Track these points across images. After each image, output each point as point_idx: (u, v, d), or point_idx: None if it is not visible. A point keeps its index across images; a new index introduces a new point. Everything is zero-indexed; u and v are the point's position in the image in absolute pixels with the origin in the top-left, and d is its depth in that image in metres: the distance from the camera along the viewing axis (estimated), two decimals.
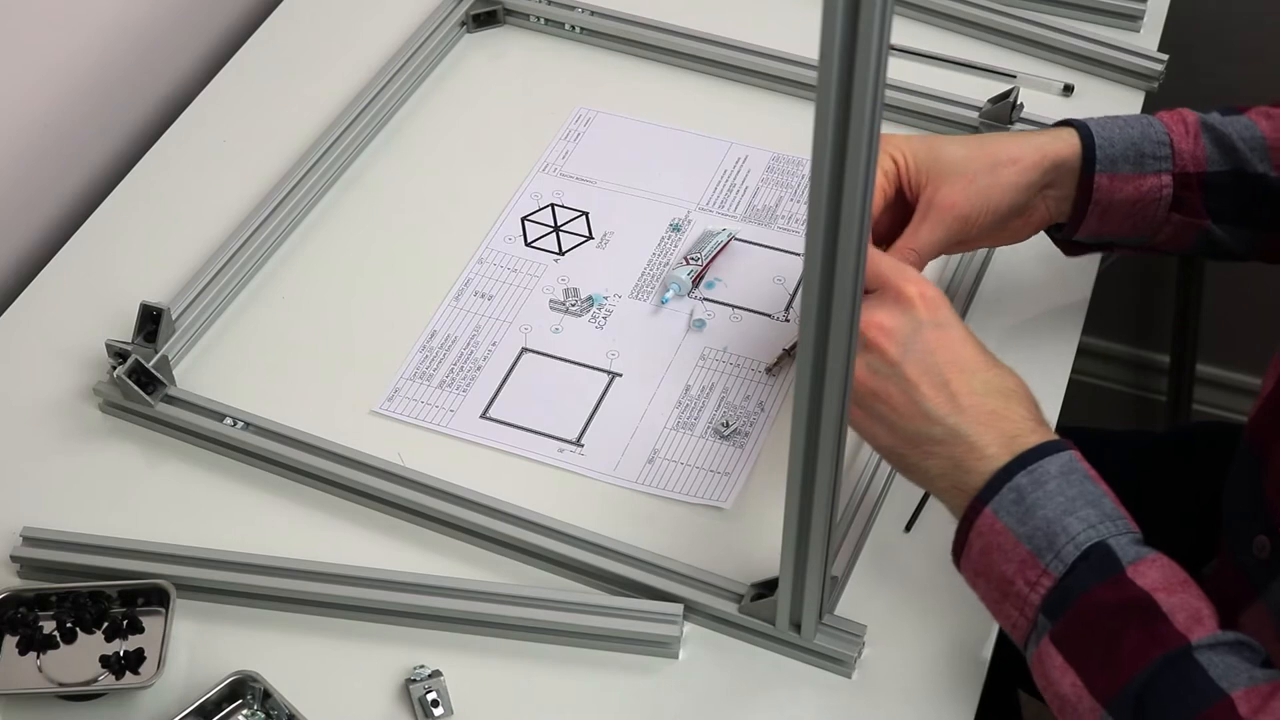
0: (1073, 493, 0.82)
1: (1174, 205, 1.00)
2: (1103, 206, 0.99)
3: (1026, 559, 0.81)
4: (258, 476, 1.01)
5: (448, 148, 1.22)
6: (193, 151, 1.22)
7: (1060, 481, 0.82)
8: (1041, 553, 0.81)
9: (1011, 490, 0.82)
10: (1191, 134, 1.00)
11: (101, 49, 1.22)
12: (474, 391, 1.05)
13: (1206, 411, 1.91)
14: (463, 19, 1.30)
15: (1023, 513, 0.82)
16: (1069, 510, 0.81)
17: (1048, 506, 0.81)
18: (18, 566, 0.96)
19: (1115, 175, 0.98)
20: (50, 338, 1.09)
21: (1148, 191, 0.99)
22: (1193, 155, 0.99)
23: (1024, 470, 0.82)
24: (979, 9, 1.28)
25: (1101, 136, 0.98)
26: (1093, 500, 0.82)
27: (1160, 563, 0.80)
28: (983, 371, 0.85)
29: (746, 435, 1.02)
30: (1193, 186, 0.99)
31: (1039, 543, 0.81)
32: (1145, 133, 0.99)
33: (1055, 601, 0.80)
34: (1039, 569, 0.81)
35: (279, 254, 1.14)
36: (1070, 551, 0.80)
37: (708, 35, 1.27)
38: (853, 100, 0.63)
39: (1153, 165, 0.99)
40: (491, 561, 0.97)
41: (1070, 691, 0.79)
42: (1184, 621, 0.78)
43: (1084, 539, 0.80)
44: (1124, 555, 0.80)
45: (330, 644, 0.93)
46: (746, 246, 1.14)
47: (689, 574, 0.94)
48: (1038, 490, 0.82)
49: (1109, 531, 0.81)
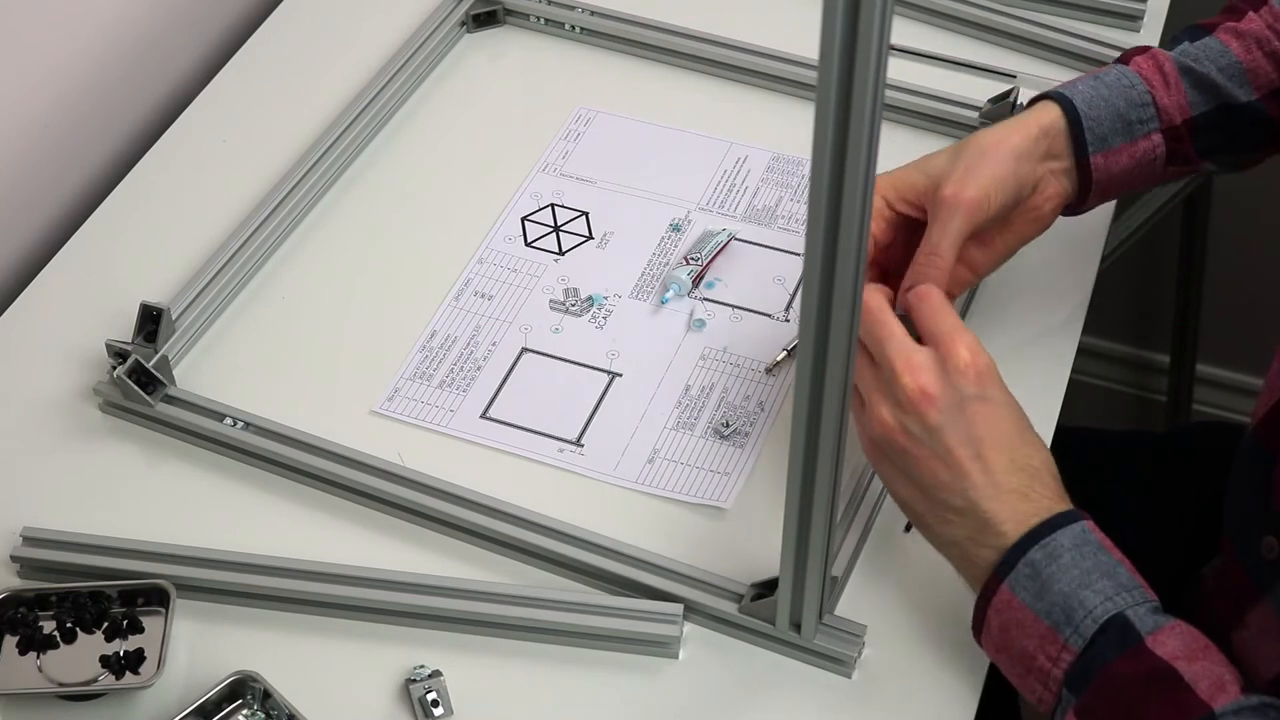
0: (1088, 564, 0.81)
1: (1169, 159, 1.01)
2: (1103, 184, 1.00)
3: (1046, 634, 0.81)
4: (258, 476, 1.01)
5: (448, 148, 1.22)
6: (193, 151, 1.22)
7: (1074, 554, 0.81)
8: (1060, 628, 0.80)
9: (1026, 565, 0.82)
10: (1171, 83, 1.00)
11: (101, 49, 1.22)
12: (474, 391, 1.05)
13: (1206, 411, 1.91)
14: (463, 19, 1.30)
15: (1039, 588, 0.81)
16: (1085, 584, 0.80)
17: (1063, 580, 0.80)
18: (18, 566, 0.96)
19: (1109, 151, 0.99)
20: (50, 338, 1.09)
21: (1142, 155, 1.00)
22: (1178, 105, 1.00)
23: (1037, 545, 0.82)
24: (979, 9, 1.28)
25: (1088, 115, 0.98)
26: (1107, 571, 0.81)
27: (1179, 630, 0.80)
28: (1015, 449, 0.84)
29: (746, 435, 1.02)
30: (1182, 137, 1.00)
31: (1057, 618, 0.80)
32: (1128, 97, 0.99)
33: (1077, 676, 0.80)
34: (1059, 644, 0.80)
35: (279, 254, 1.14)
36: (1089, 625, 0.80)
37: (708, 35, 1.27)
38: (853, 100, 0.63)
39: (1140, 129, 0.99)
40: (491, 561, 0.97)
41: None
42: (1207, 689, 0.77)
43: (1101, 612, 0.80)
44: (1142, 626, 0.79)
45: (330, 644, 0.93)
46: (746, 246, 1.14)
47: (689, 574, 0.94)
48: (1052, 564, 0.81)
49: (1126, 603, 0.80)
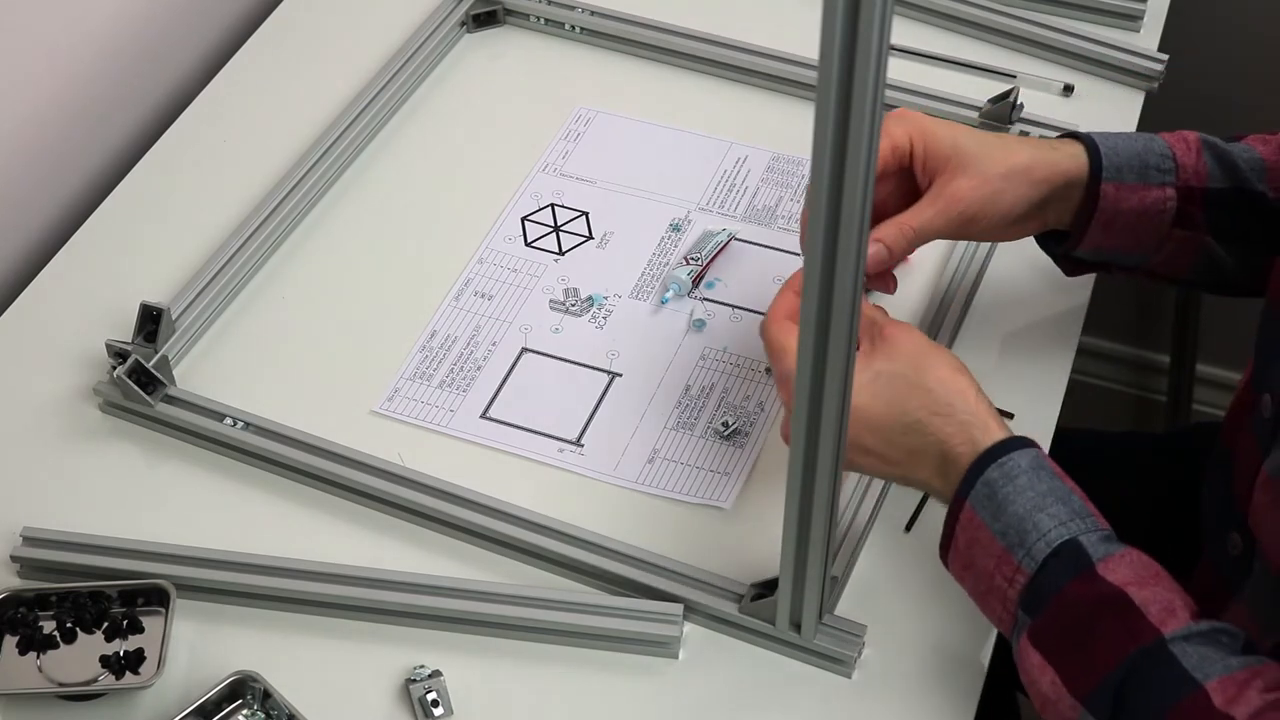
0: (1043, 488, 0.83)
1: (1177, 220, 1.00)
2: (1108, 216, 0.98)
3: (1001, 555, 0.82)
4: (258, 476, 1.01)
5: (448, 148, 1.22)
6: (193, 151, 1.22)
7: (1030, 476, 0.83)
8: (1014, 549, 0.82)
9: (985, 485, 0.83)
10: (1193, 150, 1.00)
11: (101, 49, 1.22)
12: (474, 391, 1.05)
13: (1206, 411, 1.91)
14: (463, 19, 1.30)
15: (995, 508, 0.83)
16: (1039, 506, 0.82)
17: (1018, 502, 0.82)
18: (18, 566, 0.96)
19: (1121, 185, 0.98)
20: (50, 338, 1.09)
21: (1152, 204, 0.98)
22: (1195, 170, 0.99)
23: (994, 464, 0.83)
24: (979, 9, 1.28)
25: (1107, 147, 0.98)
26: (1062, 497, 0.83)
27: (1130, 558, 0.81)
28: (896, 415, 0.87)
29: (746, 435, 1.02)
30: (1195, 200, 0.99)
31: (1011, 539, 0.82)
32: (1149, 146, 0.99)
33: (1030, 598, 0.81)
34: (1013, 565, 0.82)
35: (279, 254, 1.14)
36: (1041, 549, 0.81)
37: (708, 35, 1.27)
38: (853, 100, 0.63)
39: (1156, 178, 0.98)
40: (491, 561, 0.97)
41: (1050, 690, 0.80)
42: (1157, 614, 0.78)
43: (1054, 536, 0.81)
44: (1094, 552, 0.81)
45: (330, 644, 0.93)
46: (746, 246, 1.14)
47: (689, 574, 0.94)
48: (1008, 485, 0.83)
49: (1078, 529, 0.81)
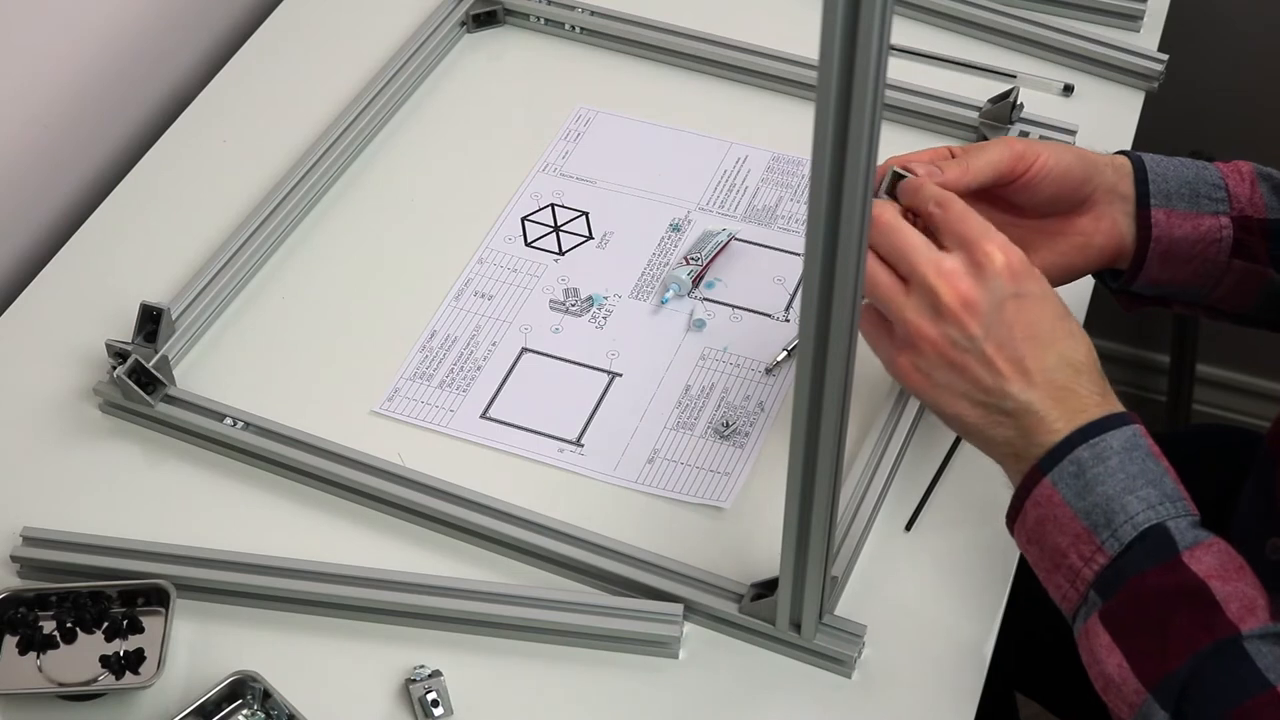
0: (1134, 469, 0.81)
1: (1235, 250, 0.97)
2: (1164, 246, 0.96)
3: (1082, 534, 0.81)
4: (258, 476, 1.01)
5: (448, 148, 1.22)
6: (193, 151, 1.22)
7: (1123, 458, 0.81)
8: (1098, 529, 0.80)
9: (1072, 463, 0.81)
10: (1247, 180, 0.98)
11: (101, 49, 1.22)
12: (474, 391, 1.05)
13: (1206, 411, 1.91)
14: (463, 19, 1.30)
15: (1082, 487, 0.81)
16: (1129, 489, 0.80)
17: (1108, 483, 0.80)
18: (18, 566, 0.96)
19: (1172, 211, 0.96)
20: (50, 338, 1.09)
21: (1206, 232, 0.96)
22: (1250, 200, 0.97)
23: (1086, 444, 0.81)
24: (979, 9, 1.28)
25: (1154, 171, 0.96)
26: (1154, 479, 0.81)
27: (1217, 548, 0.80)
28: (1058, 343, 0.84)
29: (746, 435, 1.02)
30: (1255, 231, 0.97)
31: (1096, 519, 0.80)
32: (1199, 173, 0.97)
33: (1108, 580, 0.80)
34: (1094, 545, 0.80)
35: (279, 254, 1.14)
36: (1127, 532, 0.79)
37: (708, 35, 1.27)
38: (853, 100, 0.63)
39: (1209, 206, 0.96)
40: (491, 561, 0.97)
41: (1115, 672, 0.79)
42: (1237, 611, 0.77)
43: (1142, 520, 0.79)
44: (1181, 539, 0.79)
45: (330, 644, 0.93)
46: (746, 246, 1.14)
47: (689, 574, 0.94)
48: (1099, 465, 0.81)
49: (1168, 514, 0.80)
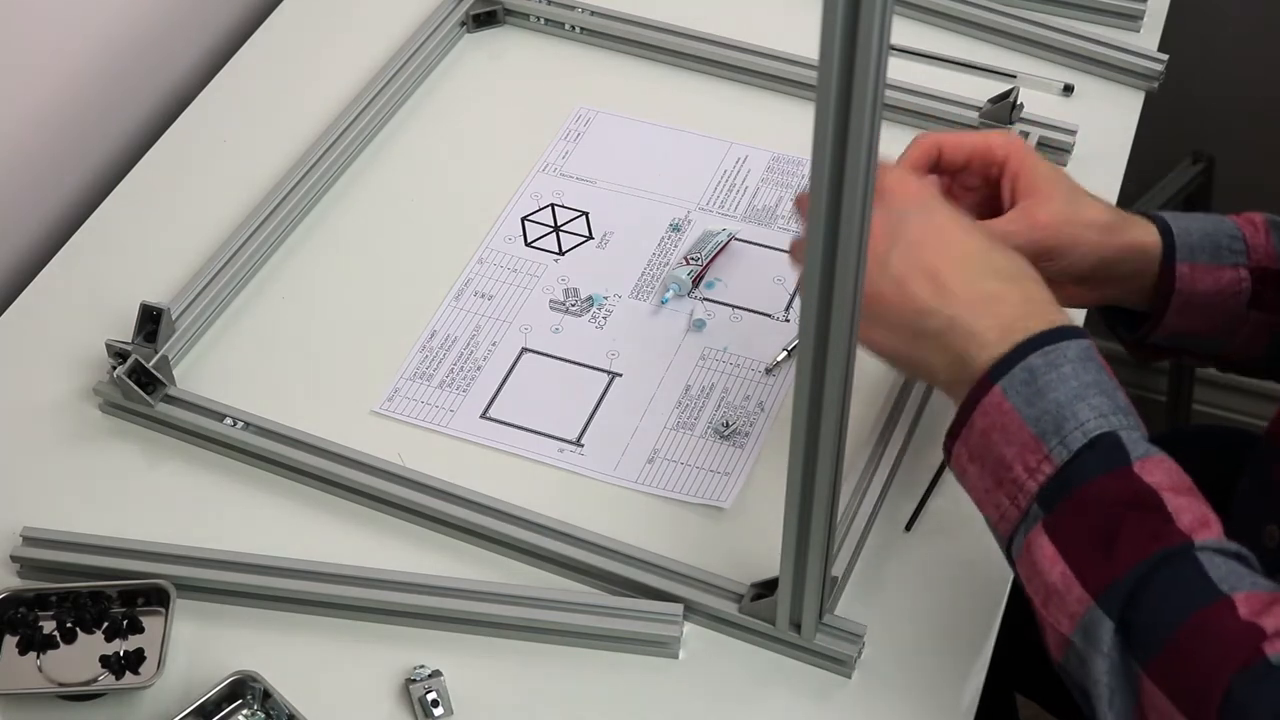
0: (1088, 379, 0.78)
1: (1252, 302, 0.97)
2: (1184, 298, 0.96)
3: (1029, 443, 0.78)
4: (258, 476, 1.01)
5: (448, 148, 1.22)
6: (193, 151, 1.22)
7: (1076, 366, 0.79)
8: (1046, 437, 0.77)
9: (1024, 369, 0.79)
10: (1261, 231, 0.98)
11: (101, 49, 1.22)
12: (474, 391, 1.05)
13: (1206, 411, 1.91)
14: (463, 19, 1.30)
15: (1033, 394, 0.78)
16: (1080, 396, 0.78)
17: (1060, 389, 0.78)
18: (18, 566, 0.96)
19: (1195, 265, 0.96)
20: (50, 338, 1.09)
21: (1227, 284, 0.97)
22: (1266, 251, 0.97)
23: (1039, 351, 0.79)
24: (979, 9, 1.28)
25: (1178, 227, 0.96)
26: (1106, 391, 0.79)
27: (1167, 465, 0.77)
28: (978, 256, 0.83)
29: (746, 435, 1.02)
30: (1268, 281, 0.97)
31: (1045, 426, 0.78)
32: (1218, 226, 0.97)
33: (1053, 490, 0.77)
34: (1041, 454, 0.77)
35: (279, 254, 1.14)
36: (1077, 439, 0.77)
37: (708, 35, 1.27)
38: (853, 100, 0.63)
39: (1229, 258, 0.96)
40: (491, 561, 0.97)
41: (1059, 581, 0.76)
42: (1189, 522, 0.75)
43: (1093, 427, 0.77)
44: (1133, 450, 0.77)
45: (330, 644, 0.93)
46: (746, 246, 1.14)
47: (689, 574, 0.94)
48: (1052, 372, 0.78)
49: (1120, 424, 0.78)
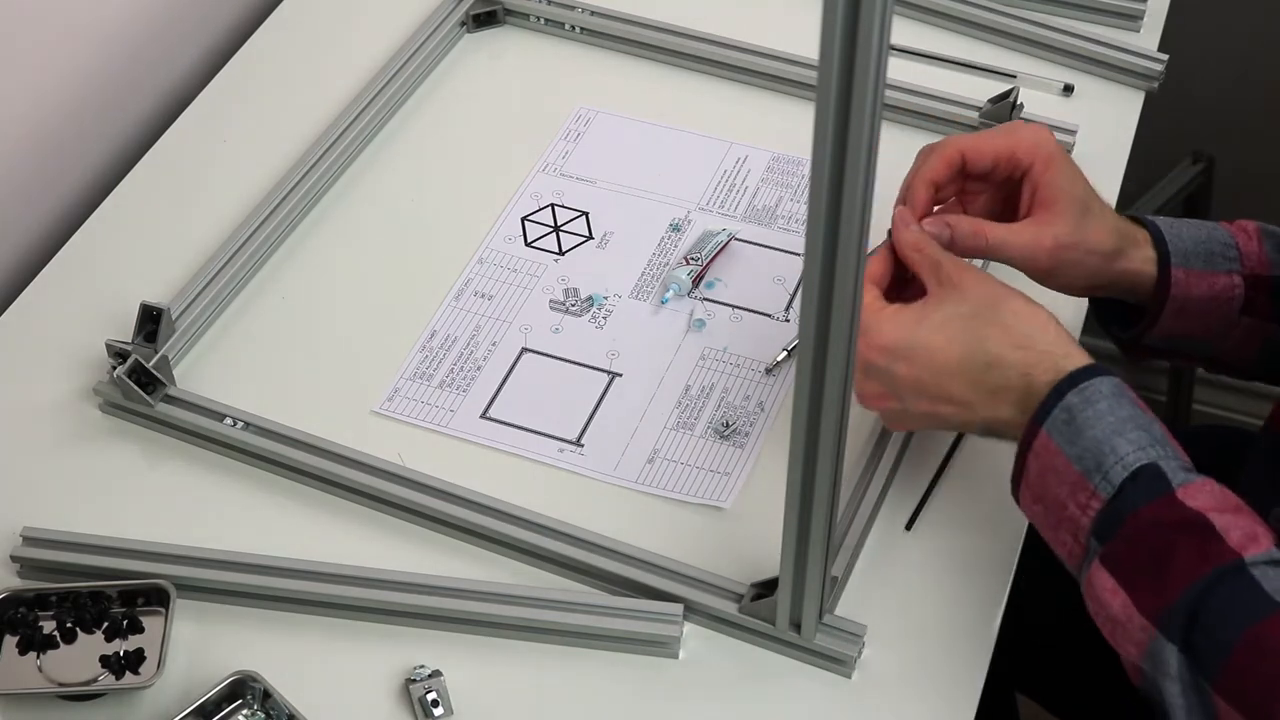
0: (1123, 414, 0.81)
1: (1244, 307, 0.99)
2: (1179, 303, 0.97)
3: (1077, 481, 0.81)
4: (258, 476, 1.01)
5: (448, 148, 1.22)
6: (193, 151, 1.22)
7: (1110, 402, 0.82)
8: (1090, 474, 0.80)
9: (1063, 410, 0.82)
10: (1253, 238, 0.99)
11: (101, 49, 1.22)
12: (474, 391, 1.05)
13: (1206, 411, 1.91)
14: (463, 19, 1.30)
15: (1073, 433, 0.81)
16: (1118, 431, 0.81)
17: (1097, 426, 0.81)
18: (18, 566, 0.96)
19: (1190, 271, 0.97)
20: (50, 338, 1.09)
21: (1220, 290, 0.98)
22: (1258, 258, 0.99)
23: (1075, 389, 0.82)
24: (979, 9, 1.28)
25: (1170, 233, 0.97)
26: (1142, 424, 0.82)
27: (1210, 487, 0.80)
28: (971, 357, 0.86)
29: (746, 435, 1.02)
30: (1262, 289, 0.98)
31: (1088, 464, 0.81)
32: (1211, 234, 0.99)
33: (1104, 524, 0.80)
34: (1088, 490, 0.81)
35: (279, 254, 1.14)
36: (1118, 472, 0.80)
37: (708, 35, 1.27)
38: (853, 100, 0.63)
39: (1222, 265, 0.98)
40: (491, 561, 0.97)
41: (1120, 612, 0.79)
42: (1238, 539, 0.77)
43: (1132, 460, 0.80)
44: (1174, 478, 0.79)
45: (330, 644, 0.93)
46: (746, 246, 1.14)
47: (689, 574, 0.94)
48: (1088, 409, 0.81)
49: (1158, 455, 0.80)
